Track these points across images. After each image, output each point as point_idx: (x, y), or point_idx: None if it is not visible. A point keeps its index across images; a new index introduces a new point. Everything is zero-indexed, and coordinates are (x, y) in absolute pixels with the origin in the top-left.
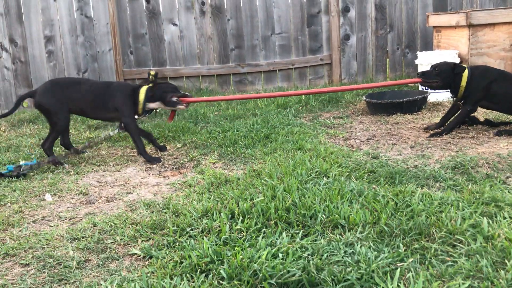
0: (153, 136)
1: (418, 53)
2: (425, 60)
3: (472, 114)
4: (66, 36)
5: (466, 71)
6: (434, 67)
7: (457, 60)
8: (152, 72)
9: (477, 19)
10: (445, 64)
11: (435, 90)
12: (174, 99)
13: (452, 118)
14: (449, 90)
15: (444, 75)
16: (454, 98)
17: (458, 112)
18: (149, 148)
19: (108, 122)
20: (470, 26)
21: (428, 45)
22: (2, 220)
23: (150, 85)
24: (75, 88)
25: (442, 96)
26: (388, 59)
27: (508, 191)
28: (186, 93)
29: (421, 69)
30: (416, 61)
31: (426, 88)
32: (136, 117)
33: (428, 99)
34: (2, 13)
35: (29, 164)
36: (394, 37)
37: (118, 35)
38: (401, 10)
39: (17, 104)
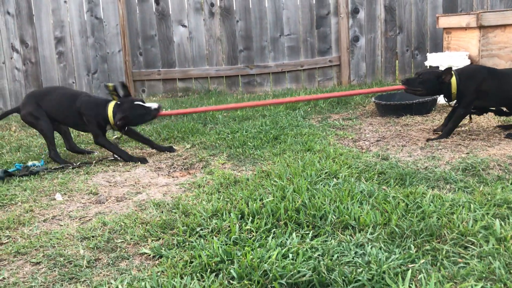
0: (153, 141)
1: (428, 54)
2: (435, 62)
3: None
4: (76, 37)
5: (454, 76)
6: (418, 74)
7: (468, 62)
8: (110, 86)
9: (488, 20)
10: (430, 73)
11: (421, 97)
12: (149, 118)
13: (448, 122)
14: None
15: (428, 84)
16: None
17: (453, 115)
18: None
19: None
20: (480, 27)
21: (438, 47)
22: (13, 219)
23: (115, 100)
24: (47, 98)
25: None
26: (397, 61)
27: None
28: (156, 106)
29: None
30: (426, 63)
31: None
32: (119, 133)
33: (438, 100)
34: (13, 14)
35: (36, 164)
36: (403, 39)
37: (128, 36)
38: (410, 12)
39: (1, 117)
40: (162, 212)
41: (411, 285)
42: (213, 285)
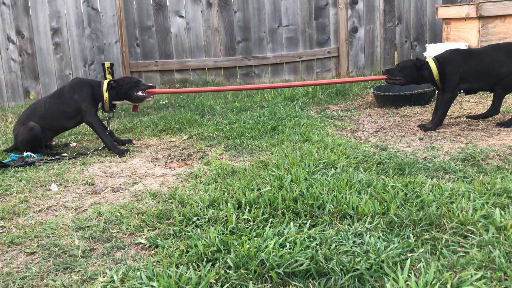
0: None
1: (427, 45)
2: (434, 53)
3: None
4: (72, 28)
5: (432, 62)
6: (398, 64)
7: None
8: (107, 64)
9: (488, 10)
10: (408, 61)
11: (402, 86)
12: (140, 93)
13: (438, 109)
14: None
15: (406, 71)
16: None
17: (441, 101)
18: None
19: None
20: (480, 18)
21: (437, 38)
22: (8, 209)
23: (109, 78)
24: (37, 111)
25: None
26: (396, 52)
27: None
28: (150, 84)
29: None
30: (425, 54)
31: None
32: (105, 114)
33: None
34: (8, 5)
35: (31, 155)
36: (402, 30)
37: (125, 27)
38: (409, 2)
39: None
40: (159, 202)
41: (410, 274)
42: (209, 274)
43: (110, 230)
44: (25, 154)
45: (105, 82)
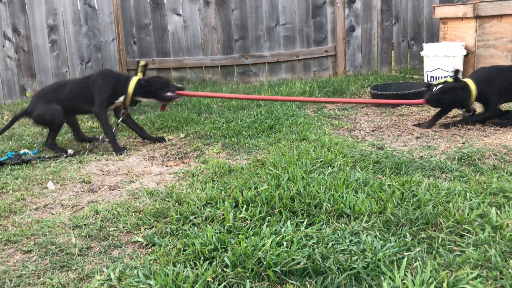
0: (145, 131)
1: (424, 45)
2: (431, 52)
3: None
4: (69, 25)
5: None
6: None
7: (464, 52)
8: (142, 62)
9: (485, 10)
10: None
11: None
12: (169, 94)
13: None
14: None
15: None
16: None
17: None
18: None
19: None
20: (477, 17)
21: (434, 37)
22: (4, 207)
23: (139, 75)
24: (59, 91)
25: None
26: (393, 51)
27: None
28: (179, 85)
29: (426, 61)
30: (422, 53)
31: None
32: (123, 110)
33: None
34: (5, 2)
35: (28, 152)
36: (399, 29)
37: (122, 25)
38: (407, 2)
39: (12, 122)
40: (156, 200)
41: (406, 273)
42: (206, 272)
43: (107, 228)
44: (21, 151)
45: (134, 79)
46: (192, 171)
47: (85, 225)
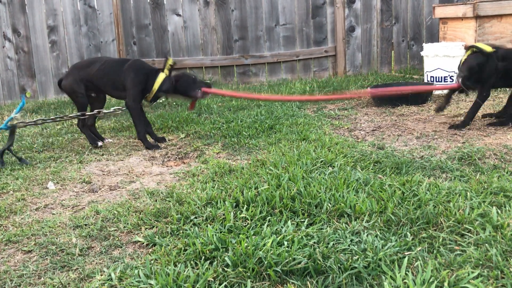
0: (151, 127)
1: (424, 45)
2: (431, 52)
3: None
4: (69, 26)
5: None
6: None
7: (463, 52)
8: (170, 61)
9: (485, 10)
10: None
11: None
12: (197, 91)
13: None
14: None
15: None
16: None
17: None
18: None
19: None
20: (477, 17)
21: (434, 37)
22: (5, 208)
23: (166, 73)
24: (89, 67)
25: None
26: (393, 51)
27: None
28: (207, 81)
29: (426, 61)
30: (422, 53)
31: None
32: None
33: (433, 91)
34: (5, 2)
35: (13, 116)
36: (399, 29)
37: (122, 25)
38: (406, 2)
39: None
40: (156, 200)
41: (407, 272)
42: (207, 272)
43: (108, 228)
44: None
45: (162, 75)
46: (193, 171)
47: (85, 225)
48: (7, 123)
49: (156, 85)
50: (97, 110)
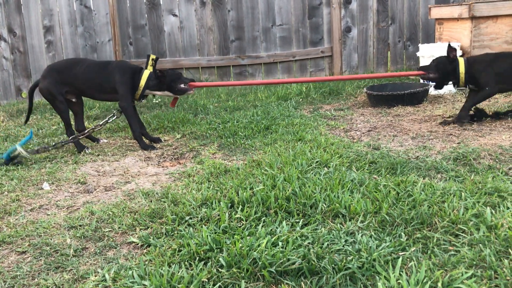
0: (145, 128)
1: (420, 45)
2: (426, 53)
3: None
4: (65, 26)
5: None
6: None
7: (459, 53)
8: (153, 56)
9: (480, 11)
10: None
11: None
12: (182, 86)
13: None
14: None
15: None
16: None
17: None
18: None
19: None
20: (472, 18)
21: (430, 38)
22: None
23: (150, 69)
24: (72, 70)
25: (443, 90)
26: (389, 52)
27: (511, 182)
28: (191, 78)
29: (422, 61)
30: (418, 54)
31: (427, 81)
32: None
33: (429, 91)
34: (0, 2)
35: (16, 147)
36: (395, 30)
37: (118, 25)
38: (402, 3)
39: (31, 97)
40: (151, 201)
41: (401, 272)
42: (201, 273)
43: (102, 229)
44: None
45: (146, 72)
46: (188, 171)
47: (80, 225)
48: (10, 154)
49: (142, 82)
50: (91, 128)
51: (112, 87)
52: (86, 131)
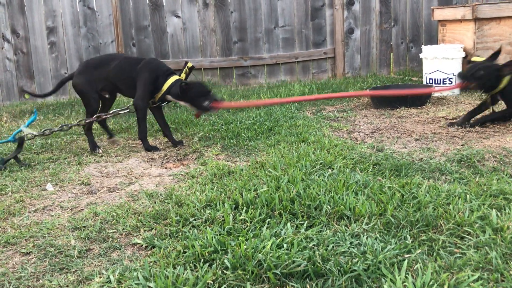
0: (169, 128)
1: (423, 47)
2: (429, 54)
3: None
4: (68, 27)
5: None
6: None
7: (462, 55)
8: (189, 65)
9: (483, 12)
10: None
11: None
12: (206, 103)
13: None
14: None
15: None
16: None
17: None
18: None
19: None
20: (476, 19)
21: (432, 39)
22: (3, 209)
23: (182, 76)
24: (106, 66)
25: (446, 91)
26: (392, 53)
27: None
28: (219, 96)
29: (425, 63)
30: (421, 55)
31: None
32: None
33: (432, 93)
34: (4, 4)
35: (21, 129)
36: (398, 31)
37: (121, 27)
38: (405, 4)
39: (58, 86)
40: (155, 202)
41: (407, 275)
42: (206, 275)
43: (107, 230)
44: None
45: (173, 78)
46: (192, 173)
47: (84, 227)
48: (15, 136)
49: (165, 87)
50: (96, 116)
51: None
52: (92, 117)
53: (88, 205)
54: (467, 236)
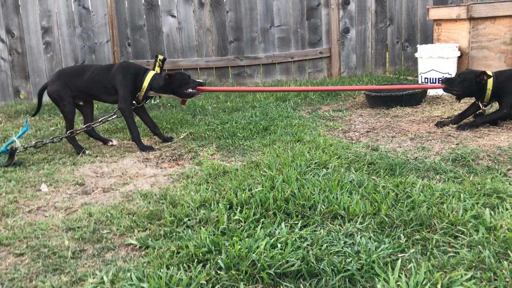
0: (158, 127)
1: (418, 46)
2: (425, 54)
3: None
4: (63, 27)
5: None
6: (458, 74)
7: (457, 54)
8: (160, 57)
9: (478, 12)
10: (469, 72)
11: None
12: (190, 90)
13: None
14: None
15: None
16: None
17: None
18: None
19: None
20: (470, 19)
21: (428, 39)
22: None
23: (157, 70)
24: (80, 76)
25: (441, 90)
26: (387, 53)
27: (510, 183)
28: (200, 80)
29: (420, 62)
30: (416, 55)
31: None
32: (134, 103)
33: (427, 92)
34: None
35: (14, 140)
36: (394, 31)
37: (116, 26)
38: (401, 3)
39: (39, 98)
40: (149, 202)
41: (401, 274)
42: (200, 275)
43: (101, 231)
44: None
45: (151, 73)
46: (187, 173)
47: (78, 227)
48: (7, 147)
49: (146, 83)
50: (86, 125)
51: (116, 88)
52: (80, 128)
53: (82, 205)
54: (460, 235)
